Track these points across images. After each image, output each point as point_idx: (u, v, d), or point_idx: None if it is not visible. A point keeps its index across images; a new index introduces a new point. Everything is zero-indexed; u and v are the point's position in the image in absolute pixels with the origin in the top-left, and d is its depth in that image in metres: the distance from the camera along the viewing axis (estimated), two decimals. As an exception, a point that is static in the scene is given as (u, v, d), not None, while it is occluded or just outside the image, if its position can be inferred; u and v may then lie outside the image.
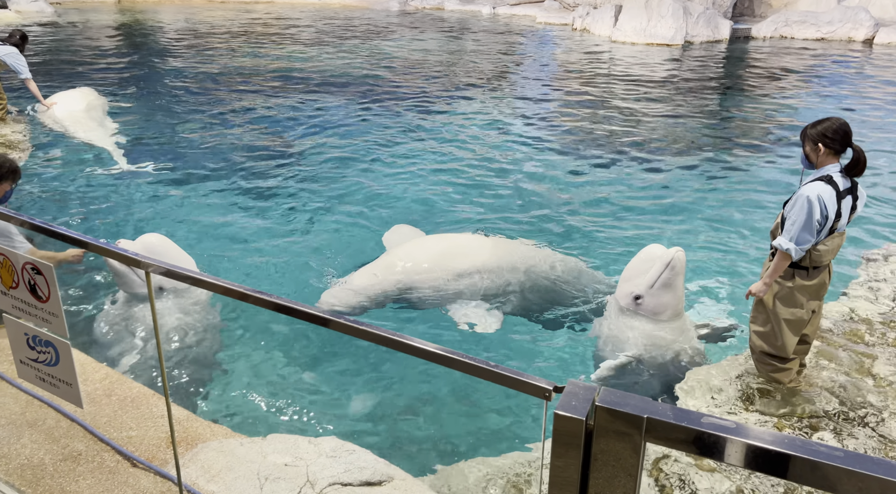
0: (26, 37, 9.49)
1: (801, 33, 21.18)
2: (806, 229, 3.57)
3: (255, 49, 16.66)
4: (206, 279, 1.86)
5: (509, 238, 6.05)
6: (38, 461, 2.96)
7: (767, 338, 3.93)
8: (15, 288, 2.15)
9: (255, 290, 1.82)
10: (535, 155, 9.23)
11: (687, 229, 6.93)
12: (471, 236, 5.85)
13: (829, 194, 3.58)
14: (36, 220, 2.16)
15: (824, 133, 3.63)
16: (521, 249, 5.70)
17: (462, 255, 5.30)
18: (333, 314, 1.71)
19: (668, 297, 4.51)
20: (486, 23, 23.99)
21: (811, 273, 3.74)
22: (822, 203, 3.55)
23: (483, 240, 5.62)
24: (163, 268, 1.86)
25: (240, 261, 6.00)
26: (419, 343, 1.58)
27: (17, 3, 21.37)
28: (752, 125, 11.24)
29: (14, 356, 2.27)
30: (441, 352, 1.55)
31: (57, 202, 6.99)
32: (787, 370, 3.98)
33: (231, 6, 25.88)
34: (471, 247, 5.44)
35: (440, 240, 5.64)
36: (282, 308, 1.76)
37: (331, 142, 9.45)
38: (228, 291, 1.83)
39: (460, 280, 5.19)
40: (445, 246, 5.43)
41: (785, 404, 3.93)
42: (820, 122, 3.69)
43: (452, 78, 14.25)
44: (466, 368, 1.51)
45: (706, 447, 1.28)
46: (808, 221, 3.56)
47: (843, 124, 3.64)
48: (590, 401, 1.34)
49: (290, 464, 3.13)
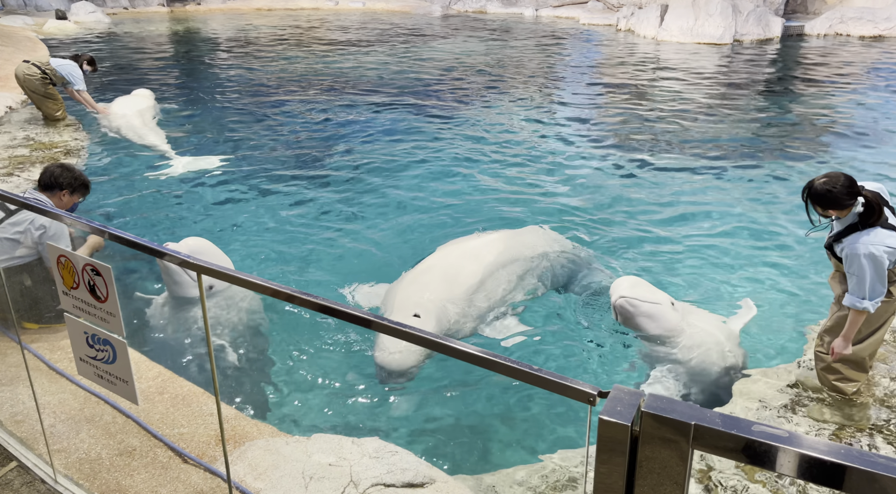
0: (94, 61, 9.88)
1: (858, 30, 20.46)
2: (878, 281, 3.43)
3: (302, 55, 16.97)
4: (255, 281, 1.91)
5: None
6: (95, 455, 3.07)
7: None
8: (76, 289, 2.25)
9: (301, 291, 1.85)
10: (581, 157, 9.14)
11: (732, 236, 6.76)
12: (462, 245, 5.43)
13: (881, 237, 3.39)
14: (109, 227, 2.25)
15: (840, 198, 3.35)
16: (527, 236, 5.64)
17: (466, 267, 5.02)
18: (375, 315, 1.73)
19: (648, 326, 4.45)
20: (529, 25, 23.90)
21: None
22: (883, 249, 3.38)
23: (481, 241, 5.41)
24: (215, 270, 1.91)
25: (286, 261, 6.11)
26: (462, 346, 1.59)
27: (76, 14, 22.28)
28: (805, 129, 10.89)
29: (74, 353, 2.37)
30: (485, 355, 1.55)
31: (112, 205, 7.25)
32: (854, 381, 3.85)
33: (277, 13, 26.43)
34: (471, 256, 5.16)
35: (436, 264, 5.13)
36: (326, 309, 1.79)
37: (377, 146, 9.56)
38: (277, 292, 1.87)
39: (478, 294, 4.93)
40: (443, 269, 5.01)
41: (840, 414, 3.80)
42: (828, 183, 3.38)
43: (496, 81, 14.24)
44: (510, 371, 1.51)
45: (756, 455, 1.25)
46: (876, 274, 3.41)
47: (847, 180, 3.38)
48: (635, 407, 1.33)
49: (333, 464, 3.18)
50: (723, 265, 6.13)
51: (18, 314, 4.18)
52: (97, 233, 2.23)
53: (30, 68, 9.18)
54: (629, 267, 6.03)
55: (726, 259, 6.24)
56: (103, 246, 4.94)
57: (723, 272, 5.98)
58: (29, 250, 4.21)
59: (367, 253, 6.33)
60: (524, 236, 5.70)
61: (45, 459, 3.02)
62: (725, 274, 5.95)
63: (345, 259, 6.22)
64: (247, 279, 1.92)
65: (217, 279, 1.99)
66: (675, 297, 4.78)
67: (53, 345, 4.02)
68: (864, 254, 3.39)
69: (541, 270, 5.52)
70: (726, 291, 5.63)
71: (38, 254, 4.24)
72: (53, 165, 4.48)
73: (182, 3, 26.91)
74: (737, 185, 8.10)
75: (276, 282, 1.90)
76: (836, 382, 3.88)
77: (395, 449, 3.37)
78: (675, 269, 6.07)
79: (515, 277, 5.28)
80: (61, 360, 3.85)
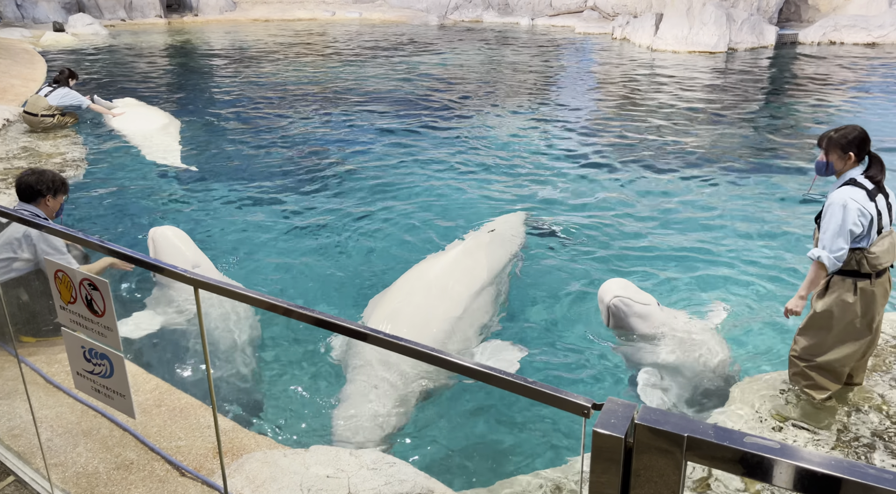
0: (74, 73, 10.34)
1: (851, 38, 20.59)
2: (840, 235, 3.51)
3: (299, 66, 17.04)
4: (253, 295, 1.92)
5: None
6: (92, 469, 3.07)
7: (816, 352, 3.82)
8: (73, 303, 2.25)
9: (297, 305, 1.86)
10: (577, 166, 9.18)
11: (727, 242, 6.78)
12: (423, 272, 5.03)
13: (861, 195, 3.53)
14: (92, 238, 2.26)
15: (853, 142, 3.59)
16: (495, 248, 5.45)
17: (440, 308, 4.63)
18: (372, 329, 1.74)
19: (639, 326, 4.49)
20: (525, 34, 24.02)
21: (874, 279, 3.63)
22: (857, 206, 3.49)
23: (434, 264, 5.08)
24: (212, 285, 1.92)
25: (288, 275, 6.12)
26: (457, 359, 1.60)
27: (74, 26, 22.34)
28: (799, 135, 10.95)
29: (71, 367, 2.37)
30: (479, 367, 1.56)
31: (108, 214, 7.25)
32: (824, 388, 3.86)
33: (274, 24, 26.53)
34: (439, 280, 4.82)
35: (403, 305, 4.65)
36: (322, 323, 1.80)
37: (372, 155, 9.58)
38: (274, 307, 1.88)
39: (451, 314, 4.60)
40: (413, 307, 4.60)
41: (837, 422, 3.80)
42: (842, 129, 3.64)
43: (492, 90, 14.31)
44: (504, 384, 1.52)
45: (749, 467, 1.26)
46: (841, 227, 3.50)
47: (864, 131, 3.62)
48: (629, 419, 1.34)
49: (331, 476, 3.18)
50: (708, 270, 6.15)
51: (16, 327, 4.17)
52: (94, 247, 2.24)
53: (42, 121, 9.68)
54: (615, 272, 6.05)
55: (712, 265, 6.26)
56: (124, 268, 4.92)
57: (709, 277, 6.01)
58: (26, 264, 4.20)
59: (357, 264, 6.34)
60: (494, 248, 5.52)
61: (42, 473, 3.02)
62: (712, 279, 5.98)
63: (335, 269, 6.23)
64: (245, 294, 1.93)
65: (210, 279, 1.99)
66: (658, 300, 4.82)
67: (51, 358, 4.02)
68: (838, 203, 3.50)
69: (507, 278, 5.38)
70: (714, 295, 5.65)
71: (37, 265, 4.23)
72: (25, 175, 4.35)
73: (179, 15, 27.01)
74: (728, 192, 8.13)
75: (272, 296, 1.91)
76: (806, 387, 3.90)
77: (394, 461, 3.37)
78: (658, 274, 6.08)
79: (492, 298, 5.01)
80: (59, 373, 3.85)
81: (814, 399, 3.89)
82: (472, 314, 4.74)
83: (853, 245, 3.59)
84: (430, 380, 4.23)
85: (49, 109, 9.74)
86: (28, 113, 9.71)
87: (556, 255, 6.45)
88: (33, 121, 9.70)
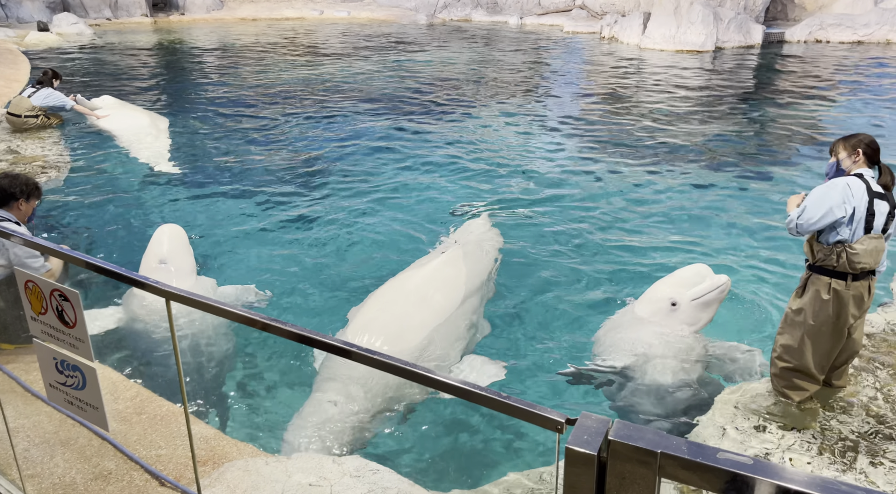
0: (58, 74, 10.25)
1: (837, 36, 20.73)
2: (818, 208, 3.52)
3: (287, 65, 16.94)
4: (229, 309, 1.88)
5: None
6: (69, 480, 3.02)
7: (792, 352, 3.83)
8: (44, 314, 2.21)
9: (277, 320, 1.82)
10: (564, 165, 9.17)
11: (714, 242, 6.80)
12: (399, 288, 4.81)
13: (859, 185, 3.53)
14: (60, 247, 2.22)
15: (863, 142, 3.63)
16: (473, 263, 5.27)
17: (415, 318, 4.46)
18: (355, 345, 1.71)
19: (702, 314, 4.52)
20: (514, 33, 24.01)
21: (850, 283, 3.61)
22: (847, 191, 3.51)
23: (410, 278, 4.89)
24: (183, 297, 1.89)
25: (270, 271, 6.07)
26: (434, 375, 1.58)
27: (58, 25, 22.11)
28: (786, 133, 11.00)
29: (44, 379, 2.33)
30: (454, 383, 1.54)
31: (93, 217, 7.17)
32: (802, 389, 3.87)
33: (262, 23, 26.38)
34: (415, 295, 4.63)
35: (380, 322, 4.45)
36: (304, 339, 1.76)
37: (360, 156, 9.54)
38: (252, 321, 1.84)
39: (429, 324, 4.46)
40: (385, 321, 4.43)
41: (820, 424, 3.81)
42: (854, 135, 3.70)
43: (481, 89, 14.29)
44: (479, 399, 1.50)
45: (722, 483, 1.25)
46: (821, 199, 3.52)
47: (875, 141, 3.65)
48: (602, 435, 1.32)
49: (314, 484, 3.15)
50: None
51: (-7, 334, 4.11)
52: (57, 255, 2.20)
53: (26, 122, 9.58)
54: (600, 271, 6.05)
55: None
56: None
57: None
58: (2, 270, 4.14)
59: (343, 265, 6.30)
60: (478, 256, 5.44)
61: (17, 484, 2.97)
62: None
63: (322, 270, 6.19)
64: (220, 307, 1.90)
65: (182, 291, 1.96)
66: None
67: (29, 366, 3.96)
68: (832, 183, 3.53)
69: (488, 287, 5.28)
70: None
71: (12, 271, 4.17)
72: None
73: (166, 14, 26.79)
74: (714, 191, 8.15)
75: (249, 310, 1.88)
76: (785, 388, 3.92)
77: (377, 468, 3.34)
78: (646, 272, 6.08)
79: (471, 313, 4.83)
80: (37, 381, 3.79)
81: (792, 401, 3.90)
82: (451, 324, 4.59)
83: (835, 237, 3.57)
84: (399, 394, 4.15)
85: (32, 110, 9.64)
86: (11, 114, 9.61)
87: (536, 256, 6.43)
88: (17, 122, 9.59)
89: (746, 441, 3.71)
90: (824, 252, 3.61)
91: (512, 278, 5.94)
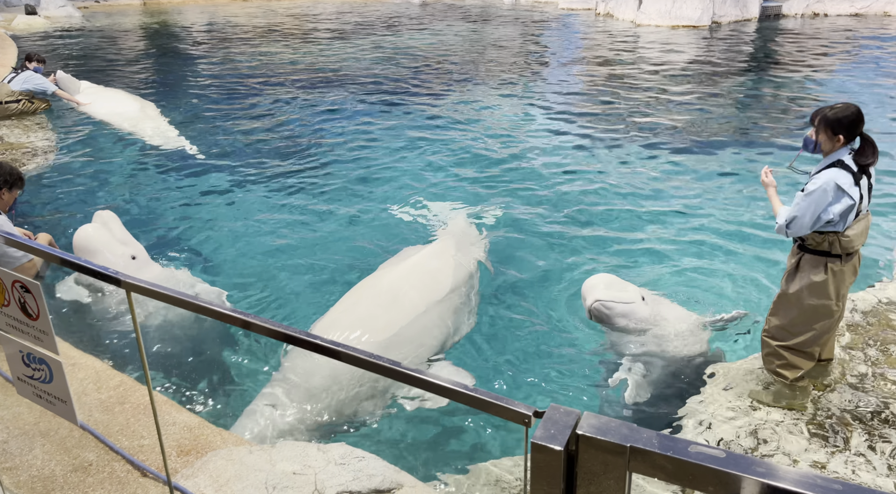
0: (41, 58, 10.19)
1: (835, 9, 20.48)
2: (808, 215, 3.48)
3: (280, 46, 16.72)
4: (207, 306, 1.80)
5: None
6: (48, 472, 2.98)
7: (788, 331, 3.79)
8: (7, 306, 2.15)
9: (260, 318, 1.74)
10: (560, 144, 9.07)
11: (709, 220, 6.73)
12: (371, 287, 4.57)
13: (847, 179, 3.46)
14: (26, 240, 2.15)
15: (842, 122, 3.49)
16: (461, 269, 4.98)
17: (386, 315, 4.24)
18: (343, 345, 1.64)
19: (622, 323, 4.45)
20: (508, 11, 23.70)
21: (844, 260, 3.59)
22: (839, 192, 3.44)
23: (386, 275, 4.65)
24: (145, 288, 1.82)
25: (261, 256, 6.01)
26: (406, 370, 1.52)
27: (46, 8, 21.80)
28: (784, 108, 10.88)
29: (12, 373, 2.27)
30: (423, 376, 1.49)
31: (83, 202, 7.09)
32: (796, 367, 3.84)
33: (255, 4, 26.03)
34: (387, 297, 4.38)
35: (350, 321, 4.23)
36: (289, 338, 1.68)
37: (354, 137, 9.43)
38: (233, 319, 1.76)
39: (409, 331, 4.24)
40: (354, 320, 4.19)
41: (812, 401, 3.78)
42: (835, 108, 3.53)
43: (476, 68, 14.11)
44: (445, 392, 1.44)
45: (694, 477, 1.19)
46: (813, 207, 3.46)
47: (858, 112, 3.51)
48: (569, 429, 1.27)
49: (298, 473, 3.11)
50: (693, 255, 6.10)
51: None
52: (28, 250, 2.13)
53: (7, 108, 9.46)
54: (599, 257, 5.99)
55: (697, 248, 6.21)
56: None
57: (694, 262, 5.95)
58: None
59: (333, 253, 6.23)
60: (462, 252, 5.25)
61: (-4, 478, 2.93)
62: (696, 265, 5.92)
63: (311, 259, 6.12)
64: (182, 299, 1.83)
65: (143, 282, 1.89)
66: (643, 287, 4.75)
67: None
68: (820, 185, 3.45)
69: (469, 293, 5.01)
70: (699, 282, 5.60)
71: None
72: None
73: (155, -5, 26.43)
74: (710, 167, 8.05)
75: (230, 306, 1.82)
76: (779, 367, 3.88)
77: (363, 455, 3.30)
78: (643, 258, 6.03)
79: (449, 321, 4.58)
80: (18, 372, 3.74)
81: (786, 379, 3.87)
82: (424, 324, 4.32)
83: (828, 228, 3.53)
84: (357, 392, 4.05)
85: (13, 95, 9.51)
86: None
87: (529, 240, 6.36)
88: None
89: (739, 420, 3.68)
90: (816, 240, 3.58)
91: (503, 261, 5.88)
